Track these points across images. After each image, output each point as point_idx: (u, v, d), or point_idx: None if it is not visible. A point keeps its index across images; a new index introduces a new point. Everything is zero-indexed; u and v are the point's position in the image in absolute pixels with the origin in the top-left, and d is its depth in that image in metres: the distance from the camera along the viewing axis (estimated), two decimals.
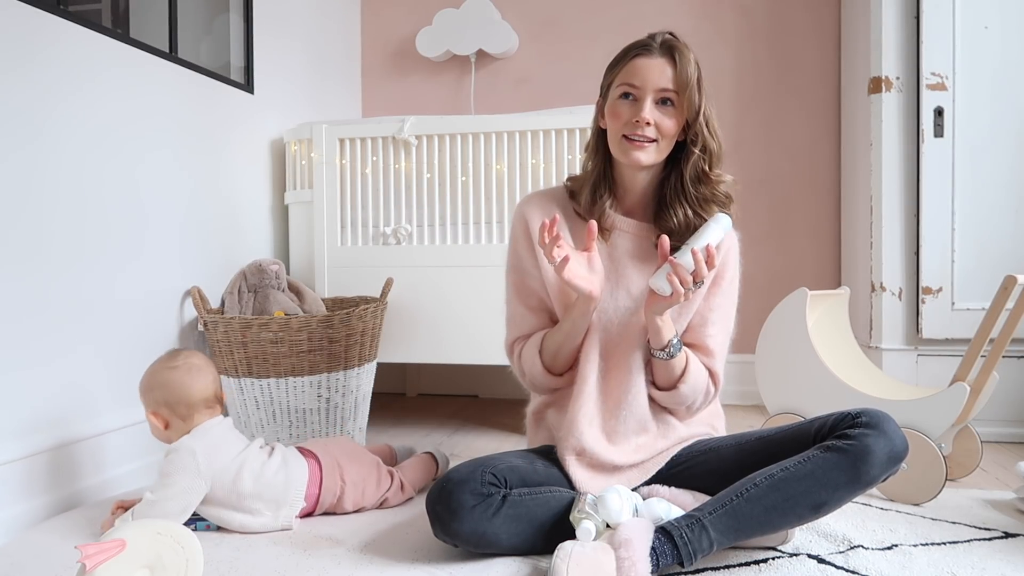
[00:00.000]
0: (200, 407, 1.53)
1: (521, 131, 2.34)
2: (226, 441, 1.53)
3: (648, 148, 1.40)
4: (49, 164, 1.67)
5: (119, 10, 1.96)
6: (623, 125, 1.40)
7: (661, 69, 1.39)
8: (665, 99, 1.40)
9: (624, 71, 1.41)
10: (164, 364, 1.55)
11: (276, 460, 1.55)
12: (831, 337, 1.97)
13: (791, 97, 2.89)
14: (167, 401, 1.51)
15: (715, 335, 1.47)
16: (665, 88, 1.39)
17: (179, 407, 1.51)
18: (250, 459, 1.52)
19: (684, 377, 1.43)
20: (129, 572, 1.11)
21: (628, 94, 1.40)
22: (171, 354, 1.58)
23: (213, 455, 1.48)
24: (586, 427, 1.43)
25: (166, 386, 1.51)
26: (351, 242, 2.46)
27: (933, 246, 2.30)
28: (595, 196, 1.47)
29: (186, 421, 1.52)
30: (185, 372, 1.53)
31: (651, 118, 1.38)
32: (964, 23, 2.27)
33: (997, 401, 2.12)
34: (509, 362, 1.57)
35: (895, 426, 1.28)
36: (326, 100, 2.96)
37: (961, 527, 1.49)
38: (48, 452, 1.64)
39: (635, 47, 1.42)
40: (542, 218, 1.48)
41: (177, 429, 1.52)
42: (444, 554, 1.34)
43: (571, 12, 3.05)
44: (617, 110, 1.41)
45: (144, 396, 1.54)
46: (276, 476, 1.52)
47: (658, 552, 1.20)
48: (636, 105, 1.39)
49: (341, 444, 1.69)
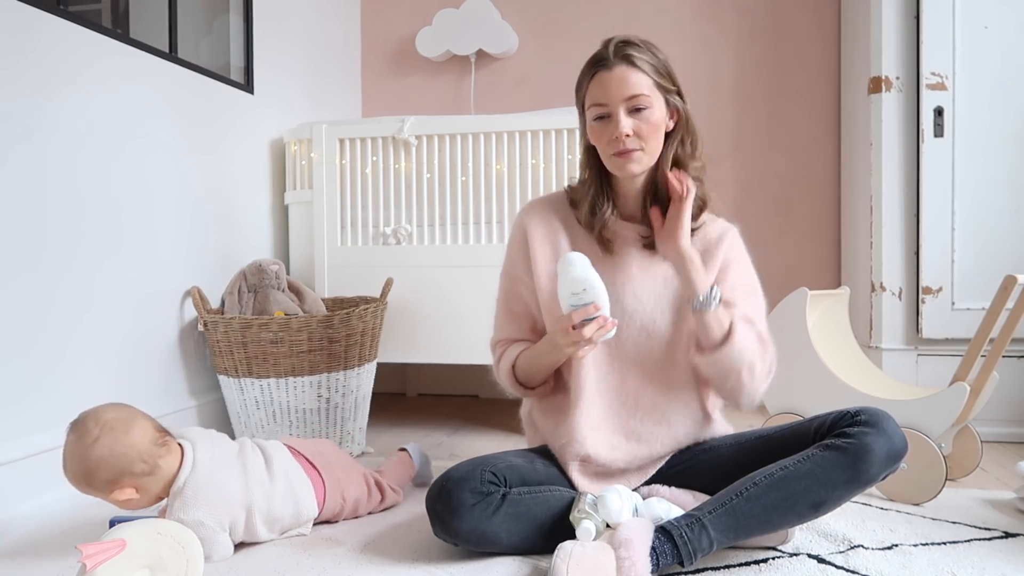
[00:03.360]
0: (156, 452, 1.31)
1: (521, 131, 2.34)
2: (222, 485, 1.35)
3: (636, 155, 1.39)
4: (48, 164, 1.67)
5: (119, 10, 1.96)
6: (606, 144, 1.40)
7: (622, 79, 1.37)
8: (636, 106, 1.38)
9: (590, 92, 1.41)
10: (83, 443, 1.27)
11: (280, 486, 1.42)
12: (831, 337, 1.97)
13: (791, 97, 2.89)
14: (120, 471, 1.28)
15: (748, 306, 1.44)
16: (633, 95, 1.37)
17: (136, 465, 1.29)
18: (256, 503, 1.38)
19: (732, 335, 1.36)
20: (129, 572, 1.11)
21: (600, 115, 1.40)
22: (79, 430, 1.29)
23: (217, 507, 1.34)
24: (588, 432, 1.42)
25: (106, 460, 1.27)
26: (351, 242, 2.46)
27: (933, 246, 2.30)
28: (594, 210, 1.47)
29: (154, 473, 1.31)
30: (111, 434, 1.28)
31: (628, 130, 1.37)
32: (964, 23, 2.27)
33: (997, 401, 2.12)
34: (492, 358, 1.58)
35: (894, 425, 1.28)
36: (326, 100, 2.96)
37: (961, 527, 1.49)
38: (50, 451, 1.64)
39: (592, 64, 1.41)
40: (542, 229, 1.50)
41: (152, 487, 1.32)
42: (444, 554, 1.34)
43: (571, 12, 3.05)
44: (596, 132, 1.42)
45: (91, 485, 1.28)
46: (285, 507, 1.42)
47: (658, 552, 1.20)
48: (611, 122, 1.39)
49: (338, 457, 1.59)
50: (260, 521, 1.39)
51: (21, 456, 1.57)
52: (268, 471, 1.43)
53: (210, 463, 1.37)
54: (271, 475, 1.43)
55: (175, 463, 1.34)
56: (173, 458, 1.34)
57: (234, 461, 1.41)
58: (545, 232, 1.50)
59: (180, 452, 1.36)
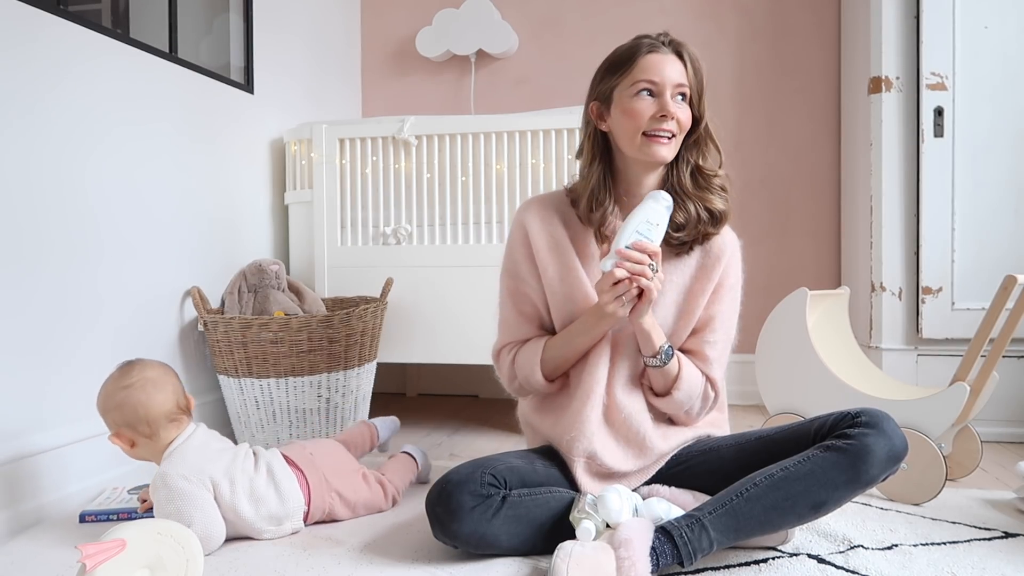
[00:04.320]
0: (162, 423, 1.42)
1: (521, 131, 2.34)
2: (206, 454, 1.43)
3: (670, 144, 1.41)
4: (48, 164, 1.67)
5: (119, 10, 1.96)
6: (646, 122, 1.39)
7: (675, 65, 1.40)
8: (681, 94, 1.41)
9: (638, 68, 1.40)
10: (117, 383, 1.43)
11: (262, 472, 1.47)
12: (831, 337, 1.97)
13: (791, 97, 2.89)
14: (127, 422, 1.41)
15: (715, 342, 1.46)
16: (681, 83, 1.40)
17: (140, 426, 1.41)
18: (237, 475, 1.43)
19: (677, 383, 1.42)
20: (129, 572, 1.11)
21: (647, 90, 1.40)
22: (124, 370, 1.46)
23: (201, 469, 1.40)
24: (597, 429, 1.42)
25: (122, 407, 1.41)
26: (351, 242, 2.46)
27: (933, 246, 2.30)
28: (593, 203, 1.46)
29: (153, 439, 1.42)
30: (140, 389, 1.41)
31: (675, 112, 1.39)
32: (964, 23, 2.27)
33: (997, 401, 2.12)
34: (494, 364, 1.57)
35: (894, 425, 1.28)
36: (326, 100, 2.96)
37: (961, 527, 1.49)
38: (49, 452, 1.64)
39: (643, 45, 1.42)
40: (543, 227, 1.49)
41: (145, 447, 1.43)
42: (444, 554, 1.34)
43: (571, 12, 3.05)
44: (636, 107, 1.39)
45: (103, 419, 1.44)
46: (267, 491, 1.44)
47: (658, 552, 1.20)
48: (659, 101, 1.39)
49: (326, 456, 1.59)
50: (243, 494, 1.42)
51: (21, 456, 1.57)
52: (255, 464, 1.49)
53: (204, 437, 1.47)
54: (256, 466, 1.49)
55: (174, 436, 1.44)
56: (175, 433, 1.44)
57: (227, 446, 1.51)
58: (548, 232, 1.49)
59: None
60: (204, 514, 1.36)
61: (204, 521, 1.36)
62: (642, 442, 1.43)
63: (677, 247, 1.46)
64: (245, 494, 1.42)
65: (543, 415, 1.52)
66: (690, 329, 1.47)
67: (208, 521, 1.36)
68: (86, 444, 1.73)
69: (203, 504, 1.37)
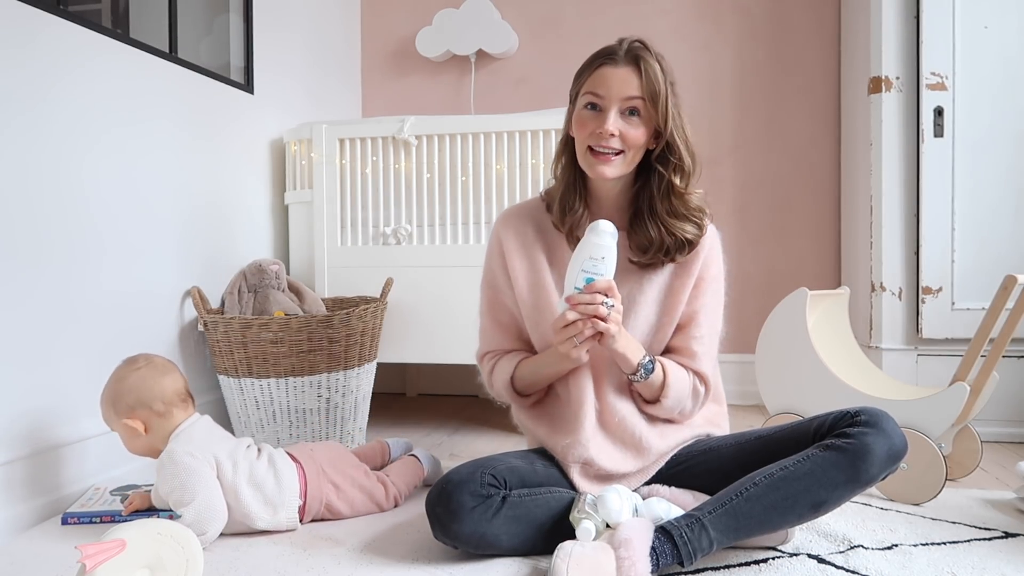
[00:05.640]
0: (176, 402, 1.48)
1: (521, 131, 2.34)
2: (212, 438, 1.49)
3: (614, 161, 1.38)
4: (47, 164, 1.67)
5: (119, 10, 1.96)
6: (588, 136, 1.38)
7: (626, 78, 1.36)
8: (632, 109, 1.37)
9: (590, 80, 1.40)
10: (127, 369, 1.49)
11: (263, 460, 1.51)
12: (831, 337, 1.97)
13: (791, 97, 2.89)
14: (142, 401, 1.45)
15: (701, 336, 1.45)
16: (630, 97, 1.36)
17: (156, 404, 1.46)
18: (240, 459, 1.48)
19: (664, 391, 1.41)
20: (129, 572, 1.11)
21: (593, 104, 1.39)
22: (130, 360, 1.52)
23: (206, 448, 1.45)
24: (592, 435, 1.42)
25: (137, 387, 1.46)
26: (351, 242, 2.46)
27: (933, 246, 2.30)
28: (565, 208, 1.46)
29: (165, 419, 1.47)
30: (151, 371, 1.48)
31: (615, 129, 1.36)
32: (964, 23, 2.27)
33: (997, 401, 2.12)
34: (480, 370, 1.58)
35: (894, 425, 1.28)
36: (326, 100, 2.96)
37: (961, 527, 1.49)
38: (51, 451, 1.64)
39: (600, 55, 1.40)
40: (516, 237, 1.50)
41: (157, 431, 1.47)
42: (444, 554, 1.34)
43: (571, 12, 3.05)
44: (582, 120, 1.40)
45: (114, 406, 1.47)
46: (266, 476, 1.48)
47: (658, 552, 1.20)
48: (601, 116, 1.37)
49: (326, 451, 1.62)
50: (243, 476, 1.45)
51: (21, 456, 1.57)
52: (258, 453, 1.54)
53: (210, 424, 1.54)
54: (258, 455, 1.53)
55: (183, 420, 1.49)
56: (184, 417, 1.50)
57: (229, 435, 1.56)
58: (520, 242, 1.50)
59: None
60: (207, 489, 1.40)
61: (207, 496, 1.40)
62: (639, 443, 1.43)
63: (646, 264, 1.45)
64: (245, 477, 1.46)
65: (537, 423, 1.52)
66: (674, 326, 1.46)
67: (211, 496, 1.40)
68: (86, 444, 1.73)
69: (207, 480, 1.41)
